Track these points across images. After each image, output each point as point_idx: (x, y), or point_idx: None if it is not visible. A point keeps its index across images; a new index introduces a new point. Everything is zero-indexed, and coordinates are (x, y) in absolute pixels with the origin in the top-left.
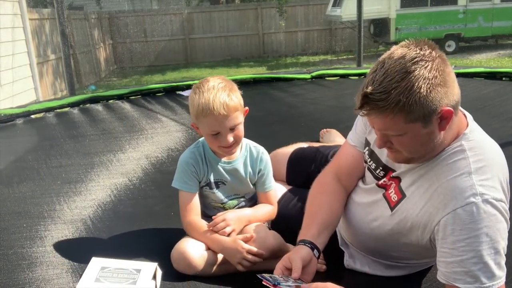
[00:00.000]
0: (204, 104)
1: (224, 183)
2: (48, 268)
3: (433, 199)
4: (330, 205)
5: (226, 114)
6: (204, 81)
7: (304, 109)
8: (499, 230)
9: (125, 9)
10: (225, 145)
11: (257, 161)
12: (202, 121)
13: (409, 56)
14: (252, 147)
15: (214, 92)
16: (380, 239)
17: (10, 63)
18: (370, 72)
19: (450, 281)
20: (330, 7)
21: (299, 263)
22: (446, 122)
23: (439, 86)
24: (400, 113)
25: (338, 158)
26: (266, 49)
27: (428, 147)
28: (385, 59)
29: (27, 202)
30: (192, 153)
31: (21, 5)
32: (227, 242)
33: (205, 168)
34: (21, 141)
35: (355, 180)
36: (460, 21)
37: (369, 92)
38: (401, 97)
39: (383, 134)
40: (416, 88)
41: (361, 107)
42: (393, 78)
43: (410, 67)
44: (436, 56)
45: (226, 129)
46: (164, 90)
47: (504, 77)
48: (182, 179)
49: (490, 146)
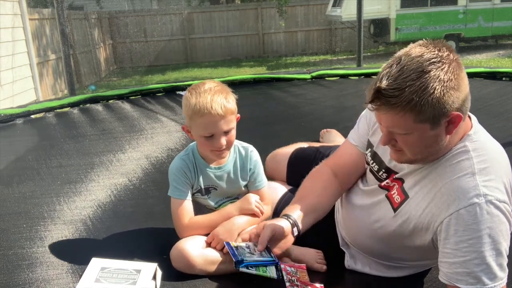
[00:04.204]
0: (201, 104)
1: (215, 188)
2: (48, 268)
3: (436, 200)
4: (321, 192)
5: (223, 115)
6: (200, 84)
7: (304, 109)
8: (502, 231)
9: (125, 9)
10: (218, 148)
11: (247, 160)
12: (197, 122)
13: (427, 56)
14: (241, 148)
15: (212, 93)
16: (383, 241)
17: (10, 63)
18: (385, 67)
19: (452, 282)
20: (330, 7)
21: (267, 235)
22: (453, 126)
23: (453, 89)
24: (411, 112)
25: (337, 156)
26: (266, 49)
27: (432, 149)
28: (402, 56)
29: (27, 202)
30: (183, 160)
31: (21, 5)
32: (237, 202)
33: (195, 174)
34: (21, 141)
35: (351, 179)
36: (460, 21)
37: (383, 88)
38: (414, 96)
39: (389, 131)
40: (431, 89)
41: (371, 101)
42: (409, 75)
43: (427, 67)
44: (453, 59)
45: (220, 131)
46: (164, 90)
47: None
48: (177, 188)
49: (493, 147)
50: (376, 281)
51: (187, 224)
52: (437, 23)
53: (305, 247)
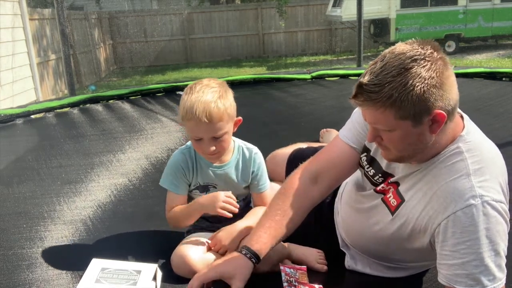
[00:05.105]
0: (188, 108)
1: (214, 186)
2: (48, 268)
3: (433, 202)
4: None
5: (208, 122)
6: (199, 82)
7: (304, 109)
8: (499, 232)
9: (125, 9)
10: (206, 153)
11: (250, 162)
12: (185, 124)
13: (409, 54)
14: (245, 149)
15: (200, 96)
16: (382, 243)
17: (10, 63)
18: (371, 63)
19: (452, 284)
20: (330, 7)
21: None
22: (437, 125)
23: (435, 87)
24: (391, 108)
25: (325, 157)
26: (266, 49)
27: (417, 147)
28: (387, 53)
29: (27, 202)
30: (183, 155)
31: (21, 5)
32: (205, 197)
33: (194, 170)
34: (21, 141)
35: (338, 181)
36: (460, 21)
37: (364, 83)
38: (393, 92)
39: (374, 128)
40: (410, 86)
41: (355, 97)
42: (390, 72)
43: (408, 64)
44: (437, 58)
45: (207, 137)
46: (164, 90)
47: (504, 77)
48: (170, 180)
49: (487, 147)
50: (376, 281)
51: (168, 216)
52: (437, 23)
53: (306, 247)
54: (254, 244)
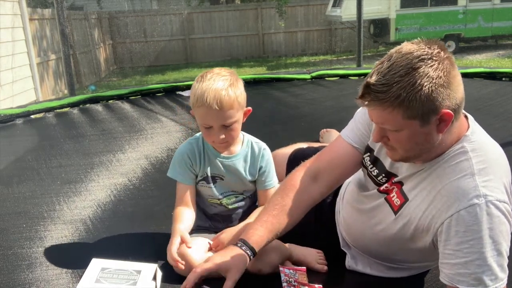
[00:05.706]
0: (199, 95)
1: (221, 178)
2: (48, 268)
3: (436, 201)
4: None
5: (218, 109)
6: (210, 70)
7: (304, 109)
8: (502, 232)
9: (125, 9)
10: (216, 141)
11: (258, 157)
12: (196, 111)
13: (416, 53)
14: (254, 143)
15: (211, 84)
16: (384, 243)
17: (10, 63)
18: (377, 63)
19: (454, 283)
20: (330, 7)
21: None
22: (445, 124)
23: (442, 87)
24: (399, 108)
25: (326, 157)
26: (266, 49)
27: (424, 147)
28: (393, 53)
29: (27, 202)
30: (190, 145)
31: (21, 5)
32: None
33: (202, 161)
34: (21, 141)
35: (339, 181)
36: (460, 21)
37: (372, 83)
38: (402, 92)
39: (381, 128)
40: (418, 85)
41: (362, 97)
42: (398, 72)
43: (416, 64)
44: (444, 57)
45: (217, 125)
46: (164, 90)
47: (504, 77)
48: (176, 169)
49: (492, 148)
50: (376, 282)
51: (174, 212)
52: (437, 23)
53: (306, 247)
54: (250, 237)
